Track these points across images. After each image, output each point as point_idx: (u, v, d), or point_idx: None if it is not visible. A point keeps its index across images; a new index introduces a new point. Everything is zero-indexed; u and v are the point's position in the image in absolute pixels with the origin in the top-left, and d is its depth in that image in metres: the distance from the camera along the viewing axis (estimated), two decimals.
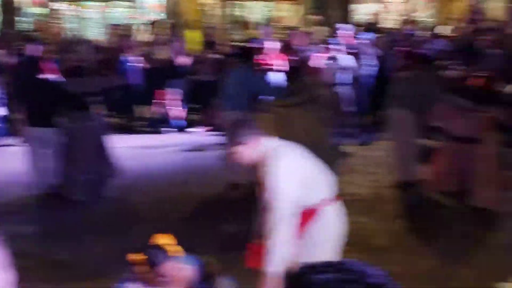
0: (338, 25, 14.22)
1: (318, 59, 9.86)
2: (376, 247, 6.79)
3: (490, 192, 7.62)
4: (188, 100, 13.45)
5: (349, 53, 12.27)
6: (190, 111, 13.54)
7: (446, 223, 7.55)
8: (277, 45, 12.45)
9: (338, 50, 11.89)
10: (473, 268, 6.00)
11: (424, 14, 19.40)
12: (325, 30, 15.71)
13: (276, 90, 8.86)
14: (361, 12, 19.35)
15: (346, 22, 15.76)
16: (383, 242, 6.92)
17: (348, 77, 12.13)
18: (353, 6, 19.11)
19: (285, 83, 9.06)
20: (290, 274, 1.80)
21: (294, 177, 4.32)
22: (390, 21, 18.43)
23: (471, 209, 7.75)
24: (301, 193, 4.37)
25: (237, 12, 19.03)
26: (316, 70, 9.57)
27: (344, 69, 11.84)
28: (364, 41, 12.99)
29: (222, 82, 9.55)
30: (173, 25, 16.79)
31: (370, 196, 8.63)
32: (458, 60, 9.35)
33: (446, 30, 15.48)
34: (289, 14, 19.35)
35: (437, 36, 14.08)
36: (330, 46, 11.86)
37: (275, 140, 4.52)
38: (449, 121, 8.25)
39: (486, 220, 7.43)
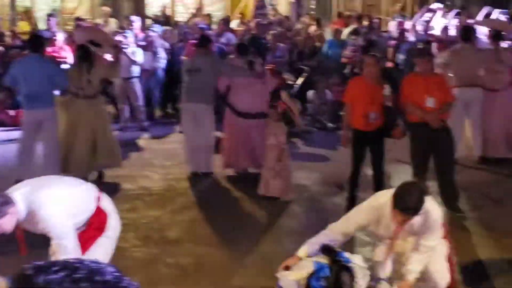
0: (129, 17, 14.14)
1: (108, 51, 9.68)
2: (169, 239, 6.80)
3: (278, 182, 8.02)
4: None
5: (139, 46, 12.23)
6: None
7: (239, 212, 7.79)
8: (66, 36, 12.13)
9: (129, 43, 11.80)
10: (261, 255, 6.23)
11: (214, 8, 19.79)
12: (115, 21, 15.51)
13: (64, 81, 8.57)
14: (153, 4, 19.31)
15: (138, 14, 15.65)
16: (176, 234, 6.95)
17: (138, 70, 12.09)
18: None
19: (72, 74, 8.77)
20: (17, 275, 1.76)
21: (63, 214, 4.30)
22: (180, 14, 18.60)
23: (262, 197, 8.06)
24: (75, 218, 4.45)
25: (23, 2, 18.09)
26: (106, 62, 9.42)
27: (134, 62, 11.78)
28: (153, 34, 12.99)
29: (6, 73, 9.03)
30: None
31: (163, 189, 8.62)
32: (247, 53, 9.63)
33: (235, 24, 15.94)
34: (80, 5, 18.79)
35: (226, 30, 14.44)
36: (121, 38, 11.72)
37: (24, 190, 4.30)
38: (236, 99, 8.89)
39: (275, 208, 7.79)
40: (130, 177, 9.06)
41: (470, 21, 12.67)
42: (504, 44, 9.75)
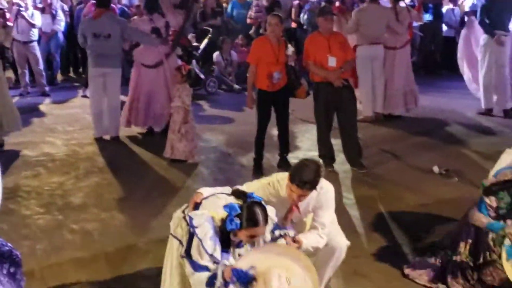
0: None
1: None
2: (73, 205, 6.66)
3: (184, 145, 7.97)
4: None
5: (36, 8, 11.80)
6: None
7: (145, 176, 7.71)
8: None
9: (26, 5, 11.38)
10: (167, 217, 6.22)
11: None
12: None
13: None
14: None
15: None
16: (80, 200, 6.81)
17: (37, 33, 11.70)
18: None
19: None
20: None
21: None
22: None
23: (168, 160, 8.02)
24: None
25: None
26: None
27: (33, 25, 11.38)
28: None
29: None
30: None
31: (66, 155, 8.42)
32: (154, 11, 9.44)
33: None
34: None
35: None
36: (18, 1, 11.29)
37: None
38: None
39: (181, 171, 7.76)
40: (32, 143, 8.84)
41: None
42: (402, 4, 10.00)
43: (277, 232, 4.08)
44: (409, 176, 7.51)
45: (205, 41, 12.27)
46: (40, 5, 12.18)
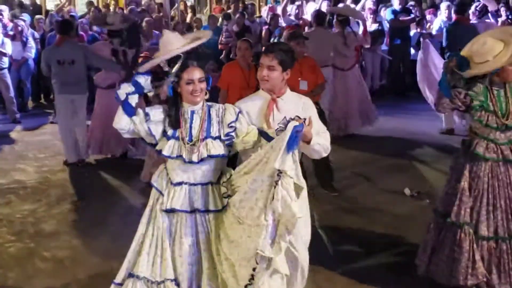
0: None
1: None
2: (45, 233, 6.59)
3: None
4: None
5: (7, 36, 11.73)
6: None
7: (118, 201, 7.65)
8: None
9: None
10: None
11: None
12: None
13: None
14: None
15: (5, 3, 14.98)
16: (51, 227, 6.74)
17: (7, 60, 11.63)
18: None
19: None
20: None
21: None
22: (52, 2, 17.90)
23: (144, 184, 7.84)
24: None
25: None
26: None
27: (3, 53, 11.33)
28: (23, 23, 12.47)
29: None
30: None
31: (37, 182, 8.36)
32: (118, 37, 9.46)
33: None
34: None
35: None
36: None
37: None
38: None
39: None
40: (3, 170, 8.80)
41: (325, 8, 13.02)
42: (349, 29, 10.36)
43: (287, 118, 3.98)
44: (381, 198, 7.51)
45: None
46: (11, 32, 12.11)
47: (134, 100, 4.02)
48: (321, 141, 4.22)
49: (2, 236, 6.41)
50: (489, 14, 12.33)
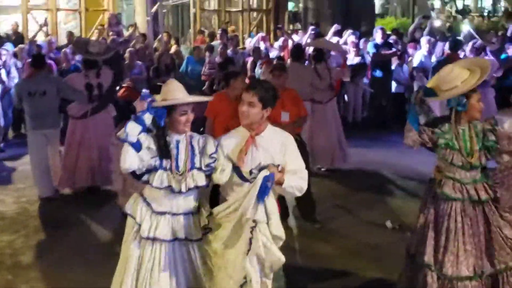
0: None
1: None
2: (23, 264, 6.51)
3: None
4: None
5: None
6: None
7: (96, 232, 7.58)
8: None
9: None
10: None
11: (68, 26, 19.27)
12: None
13: None
14: (5, 22, 18.51)
15: None
16: (29, 259, 6.67)
17: None
18: None
19: None
20: None
21: None
22: (33, 31, 17.88)
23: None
24: None
25: None
26: None
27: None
28: (5, 52, 12.41)
29: None
30: None
31: (16, 212, 8.27)
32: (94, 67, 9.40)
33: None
34: None
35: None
36: None
37: None
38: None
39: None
40: None
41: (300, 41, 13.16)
42: (323, 64, 10.35)
43: (259, 168, 4.11)
44: (363, 231, 7.50)
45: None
46: None
47: (141, 137, 4.04)
48: (294, 183, 4.25)
49: None
50: (488, 52, 12.40)
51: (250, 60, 13.56)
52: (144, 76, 12.25)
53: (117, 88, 9.39)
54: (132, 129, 3.97)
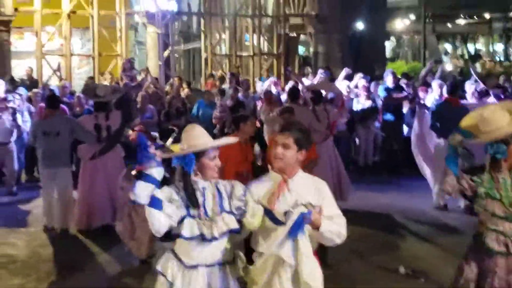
0: None
1: None
2: None
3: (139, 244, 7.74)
4: None
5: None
6: None
7: (110, 274, 7.57)
8: None
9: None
10: None
11: (82, 70, 19.50)
12: None
13: None
14: (20, 67, 18.74)
15: (2, 78, 15.13)
16: None
17: (15, 134, 11.78)
18: (13, 62, 18.27)
19: None
20: None
21: None
22: (46, 77, 18.09)
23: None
24: None
25: None
26: None
27: (18, 126, 11.60)
28: (17, 97, 12.56)
29: None
30: None
31: (27, 256, 8.28)
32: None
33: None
34: None
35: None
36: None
37: None
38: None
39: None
40: None
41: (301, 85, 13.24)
42: (321, 106, 10.57)
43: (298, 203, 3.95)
44: (375, 276, 7.44)
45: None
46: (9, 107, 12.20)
47: (157, 193, 3.80)
48: (333, 228, 4.07)
49: None
50: (492, 95, 12.39)
51: (260, 104, 13.65)
52: (155, 120, 12.37)
53: (127, 130, 9.51)
54: (142, 191, 3.72)
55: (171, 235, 3.90)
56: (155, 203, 3.73)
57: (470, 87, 12.98)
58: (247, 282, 4.05)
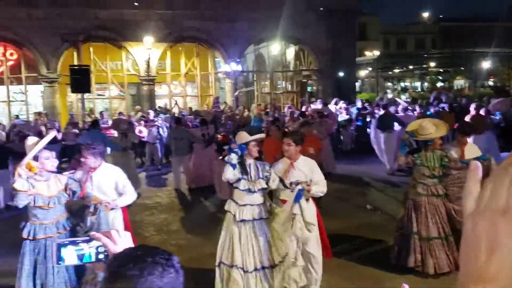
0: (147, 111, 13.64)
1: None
2: (171, 229, 6.40)
3: (221, 188, 7.51)
4: None
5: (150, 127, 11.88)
6: None
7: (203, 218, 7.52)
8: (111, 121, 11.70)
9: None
10: None
11: (193, 104, 19.53)
12: (140, 113, 14.95)
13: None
14: (159, 102, 18.67)
15: (150, 107, 15.33)
16: (174, 227, 6.54)
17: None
18: (156, 101, 18.14)
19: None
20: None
21: None
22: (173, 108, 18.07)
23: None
24: None
25: (88, 105, 16.92)
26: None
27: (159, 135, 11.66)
28: (159, 119, 12.49)
29: None
30: None
31: (167, 202, 8.16)
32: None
33: (204, 113, 15.62)
34: (120, 106, 18.22)
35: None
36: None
37: None
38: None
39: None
40: (151, 191, 8.60)
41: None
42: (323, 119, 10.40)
43: (294, 182, 4.07)
44: (352, 212, 7.21)
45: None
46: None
47: (235, 161, 4.01)
48: (318, 189, 4.15)
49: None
50: (444, 105, 12.37)
51: (286, 119, 13.55)
52: (231, 130, 12.40)
53: (216, 135, 9.69)
54: (233, 158, 3.98)
55: (231, 185, 4.09)
56: (233, 165, 3.98)
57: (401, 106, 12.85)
58: (272, 214, 4.13)
